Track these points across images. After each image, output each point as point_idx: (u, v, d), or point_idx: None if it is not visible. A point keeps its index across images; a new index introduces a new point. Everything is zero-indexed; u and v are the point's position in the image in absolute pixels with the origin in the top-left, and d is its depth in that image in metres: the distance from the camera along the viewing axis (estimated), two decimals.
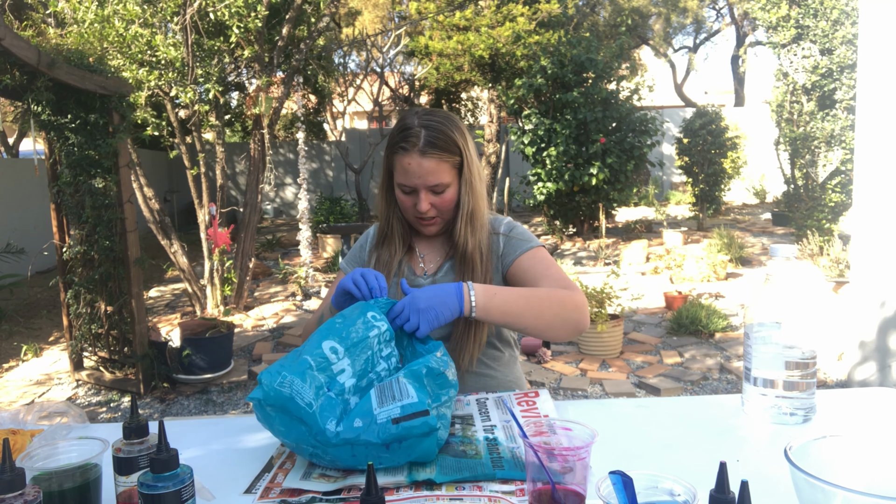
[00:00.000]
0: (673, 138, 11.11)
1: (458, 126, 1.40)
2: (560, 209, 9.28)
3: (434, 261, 1.50)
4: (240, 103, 10.20)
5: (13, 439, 1.05)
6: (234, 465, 1.06)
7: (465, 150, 1.39)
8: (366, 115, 16.36)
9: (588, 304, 1.47)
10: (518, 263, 1.43)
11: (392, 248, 1.48)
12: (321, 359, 1.06)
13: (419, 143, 1.34)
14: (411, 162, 1.35)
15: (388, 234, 1.50)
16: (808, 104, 7.84)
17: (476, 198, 1.42)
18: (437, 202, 1.39)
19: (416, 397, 1.01)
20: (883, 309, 3.76)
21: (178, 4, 5.06)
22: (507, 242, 1.47)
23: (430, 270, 1.49)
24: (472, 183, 1.41)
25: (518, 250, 1.45)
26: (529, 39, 9.49)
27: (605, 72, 8.82)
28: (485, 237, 1.46)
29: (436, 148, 1.34)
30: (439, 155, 1.35)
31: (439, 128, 1.36)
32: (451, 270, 1.46)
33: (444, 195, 1.38)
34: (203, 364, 4.42)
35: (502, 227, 1.50)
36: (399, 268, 1.48)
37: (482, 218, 1.45)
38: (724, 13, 19.86)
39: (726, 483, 0.67)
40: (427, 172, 1.35)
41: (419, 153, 1.34)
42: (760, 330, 1.17)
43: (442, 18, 9.75)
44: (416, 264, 1.50)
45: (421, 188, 1.36)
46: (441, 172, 1.36)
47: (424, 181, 1.35)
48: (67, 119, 4.03)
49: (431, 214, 1.41)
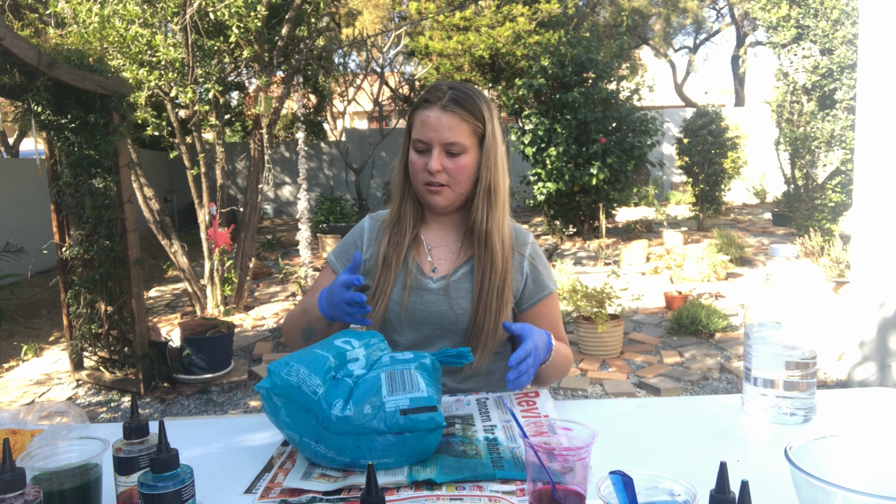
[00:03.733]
0: (673, 138, 11.11)
1: (485, 99, 1.36)
2: (560, 209, 9.28)
3: (446, 258, 1.43)
4: (240, 103, 10.20)
5: (13, 439, 1.05)
6: (234, 465, 1.06)
7: (489, 122, 1.34)
8: (366, 115, 16.37)
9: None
10: (538, 308, 1.43)
11: (401, 232, 1.41)
12: (335, 348, 1.08)
13: (443, 98, 1.32)
14: (430, 115, 1.31)
15: (401, 214, 1.42)
16: (808, 104, 7.84)
17: (497, 175, 1.36)
18: (451, 166, 1.33)
19: (425, 391, 1.00)
20: (883, 309, 3.76)
21: (178, 4, 5.06)
22: (534, 278, 1.43)
23: (441, 271, 1.41)
24: (495, 159, 1.36)
25: (543, 292, 1.44)
26: (529, 39, 9.49)
27: (606, 72, 8.82)
28: (507, 230, 1.40)
29: (459, 106, 1.31)
30: (461, 114, 1.31)
31: (466, 90, 1.34)
32: (469, 275, 1.39)
33: (459, 160, 1.33)
34: (203, 364, 4.42)
35: (528, 248, 1.44)
36: (406, 264, 1.40)
37: (502, 200, 1.38)
38: (724, 13, 19.86)
39: (726, 483, 0.67)
40: (445, 127, 1.30)
41: (440, 107, 1.31)
42: (760, 330, 1.17)
43: (442, 18, 9.76)
44: (424, 259, 1.42)
45: (436, 144, 1.32)
46: (459, 132, 1.31)
47: (441, 136, 1.31)
48: (67, 119, 4.03)
49: (441, 180, 1.34)
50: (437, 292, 1.39)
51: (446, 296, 1.38)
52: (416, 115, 1.35)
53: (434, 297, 1.38)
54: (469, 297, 1.38)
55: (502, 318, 1.37)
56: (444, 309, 1.38)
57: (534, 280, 1.43)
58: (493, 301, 1.36)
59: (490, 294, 1.36)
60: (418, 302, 1.38)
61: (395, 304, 1.38)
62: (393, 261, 1.39)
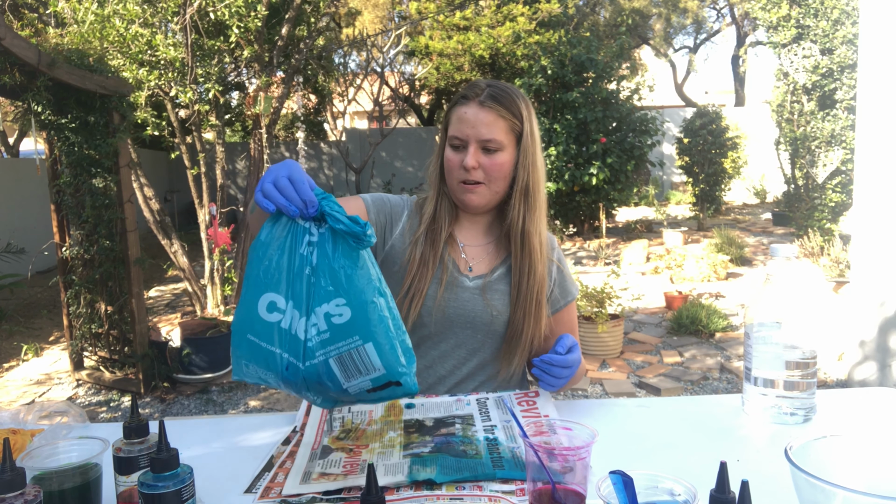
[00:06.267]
0: (673, 138, 11.11)
1: (524, 98, 1.35)
2: (560, 209, 9.28)
3: (480, 258, 1.40)
4: (240, 103, 10.20)
5: (13, 439, 1.05)
6: (234, 464, 1.06)
7: (527, 120, 1.32)
8: (366, 115, 16.36)
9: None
10: (561, 314, 1.43)
11: (437, 230, 1.37)
12: (271, 329, 0.92)
13: (481, 94, 1.30)
14: (468, 111, 1.30)
15: (437, 213, 1.38)
16: (808, 104, 7.84)
17: (536, 176, 1.34)
18: (487, 164, 1.30)
19: (382, 368, 0.90)
20: (883, 309, 3.76)
21: (178, 4, 5.05)
22: (560, 283, 1.43)
23: (478, 270, 1.39)
24: (532, 158, 1.33)
25: (567, 298, 1.44)
26: (529, 39, 9.49)
27: (606, 72, 8.82)
28: (545, 234, 1.38)
29: (496, 102, 1.29)
30: (499, 110, 1.29)
31: (505, 87, 1.33)
32: (506, 277, 1.37)
33: (496, 157, 1.30)
34: (203, 364, 4.42)
35: (555, 253, 1.44)
36: (443, 261, 1.36)
37: (541, 202, 1.35)
38: (724, 13, 19.86)
39: (726, 483, 0.67)
40: (482, 123, 1.28)
41: (478, 103, 1.30)
42: (761, 330, 1.17)
43: (442, 18, 9.76)
44: (458, 256, 1.39)
45: (472, 140, 1.29)
46: (496, 129, 1.29)
47: (477, 132, 1.29)
48: (67, 119, 4.03)
49: (477, 178, 1.31)
50: (472, 291, 1.37)
51: (482, 295, 1.36)
52: (453, 111, 1.33)
53: (469, 296, 1.36)
54: (505, 300, 1.36)
55: (541, 322, 1.36)
56: (479, 308, 1.36)
57: (560, 285, 1.43)
58: (531, 304, 1.34)
59: (529, 297, 1.34)
60: (452, 299, 1.36)
61: (430, 300, 1.35)
62: (430, 259, 1.35)
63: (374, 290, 0.91)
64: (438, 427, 1.16)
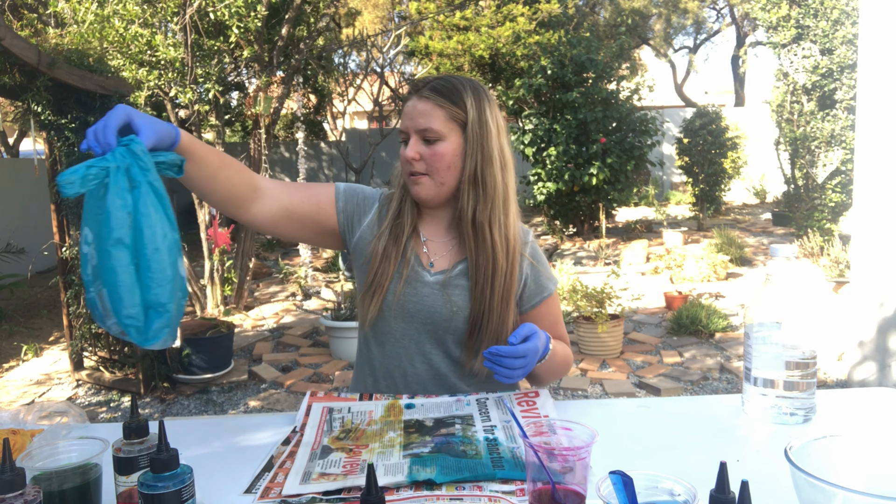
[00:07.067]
0: (673, 138, 11.12)
1: (475, 88, 1.32)
2: (560, 209, 9.28)
3: (442, 254, 1.39)
4: (240, 103, 10.20)
5: (13, 439, 1.05)
6: (234, 465, 1.06)
7: (472, 109, 1.29)
8: (366, 115, 16.36)
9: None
10: (538, 309, 1.41)
11: (401, 225, 1.37)
12: (84, 261, 0.96)
13: (423, 88, 1.31)
14: (409, 104, 1.31)
15: (401, 210, 1.38)
16: (808, 104, 7.85)
17: (486, 165, 1.30)
18: (428, 154, 1.29)
19: (113, 315, 0.93)
20: (883, 309, 3.76)
21: (178, 4, 5.06)
22: (535, 278, 1.40)
23: (440, 266, 1.38)
24: (482, 147, 1.30)
25: (543, 294, 1.41)
26: (529, 39, 9.49)
27: (606, 72, 8.82)
28: (512, 229, 1.35)
29: (436, 93, 1.29)
30: (436, 100, 1.28)
31: (449, 79, 1.32)
32: (466, 272, 1.35)
33: (436, 147, 1.28)
34: (203, 364, 4.42)
35: (528, 248, 1.40)
36: (405, 255, 1.37)
37: (499, 194, 1.32)
38: (724, 13, 19.87)
39: (726, 483, 0.67)
40: (419, 113, 1.29)
41: (417, 96, 1.30)
42: (760, 330, 1.17)
43: (442, 18, 9.76)
44: (421, 251, 1.39)
45: (412, 132, 1.30)
46: (433, 118, 1.28)
47: (415, 123, 1.29)
48: (67, 119, 4.03)
49: (420, 168, 1.30)
50: (432, 286, 1.36)
51: (442, 291, 1.35)
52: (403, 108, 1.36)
53: (429, 291, 1.35)
54: (466, 295, 1.35)
55: (507, 318, 1.34)
56: (438, 304, 1.35)
57: (534, 280, 1.40)
58: (493, 300, 1.32)
59: (489, 292, 1.32)
60: (412, 293, 1.35)
61: (391, 295, 1.35)
62: (392, 253, 1.35)
63: (114, 240, 0.92)
64: (438, 427, 1.16)
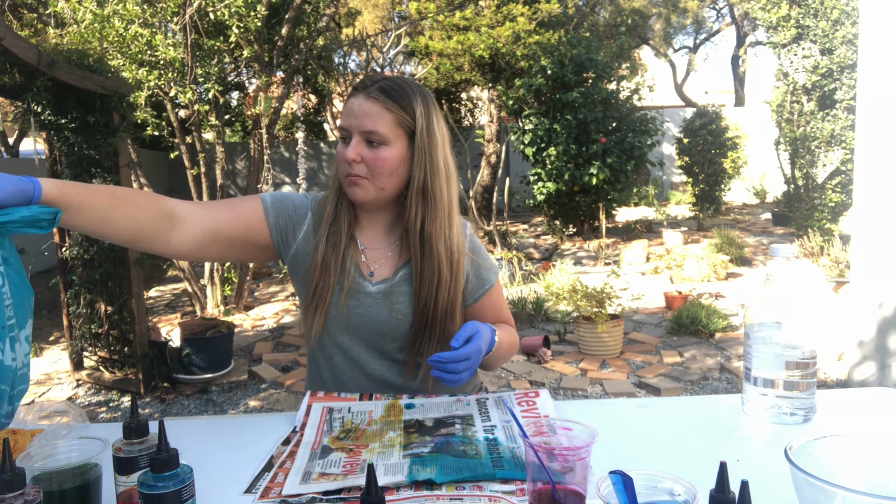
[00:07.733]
0: (673, 138, 11.12)
1: (424, 95, 1.27)
2: (560, 209, 9.28)
3: (382, 261, 1.34)
4: (240, 103, 10.20)
5: (13, 439, 1.05)
6: (233, 465, 1.06)
7: (422, 117, 1.25)
8: None
9: None
10: (480, 302, 1.38)
11: (338, 232, 1.31)
12: None
13: (371, 86, 1.24)
14: (355, 102, 1.24)
15: (337, 213, 1.32)
16: (808, 104, 7.85)
17: (433, 178, 1.26)
18: (370, 157, 1.23)
19: None
20: (882, 309, 3.76)
21: (178, 4, 5.06)
22: (475, 273, 1.37)
23: (381, 274, 1.33)
24: (430, 158, 1.26)
25: (485, 286, 1.38)
26: (529, 39, 9.48)
27: (606, 72, 8.82)
28: (456, 238, 1.31)
29: (385, 95, 1.23)
30: (385, 103, 1.22)
31: (400, 81, 1.26)
32: (408, 279, 1.31)
33: (379, 152, 1.22)
34: (203, 364, 4.42)
35: (468, 241, 1.36)
36: (345, 266, 1.31)
37: (444, 207, 1.28)
38: (724, 13, 19.87)
39: (726, 483, 0.67)
40: (365, 114, 1.22)
41: (365, 94, 1.23)
42: (760, 330, 1.17)
43: (442, 18, 9.75)
44: (360, 259, 1.33)
45: (355, 132, 1.23)
46: (380, 121, 1.22)
47: (360, 123, 1.22)
48: (67, 119, 4.03)
49: (360, 171, 1.23)
50: (375, 296, 1.31)
51: (386, 300, 1.31)
52: (345, 102, 1.28)
53: (372, 302, 1.31)
54: (409, 302, 1.31)
55: (451, 325, 1.31)
56: (383, 314, 1.31)
57: (475, 275, 1.37)
58: (437, 308, 1.29)
59: (433, 301, 1.28)
60: (356, 306, 1.31)
61: (333, 308, 1.31)
62: (332, 263, 1.29)
63: None
64: (438, 427, 1.16)
